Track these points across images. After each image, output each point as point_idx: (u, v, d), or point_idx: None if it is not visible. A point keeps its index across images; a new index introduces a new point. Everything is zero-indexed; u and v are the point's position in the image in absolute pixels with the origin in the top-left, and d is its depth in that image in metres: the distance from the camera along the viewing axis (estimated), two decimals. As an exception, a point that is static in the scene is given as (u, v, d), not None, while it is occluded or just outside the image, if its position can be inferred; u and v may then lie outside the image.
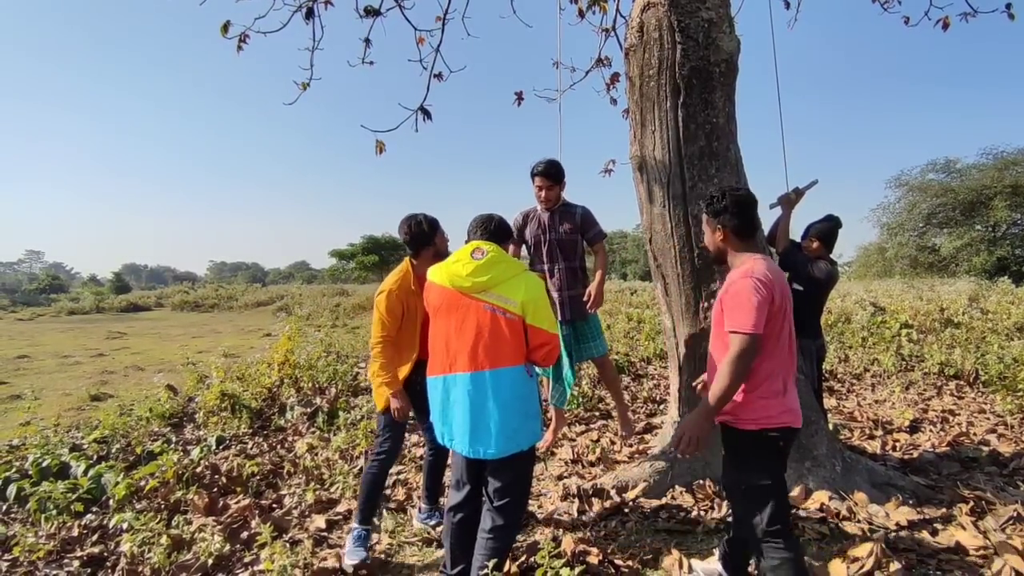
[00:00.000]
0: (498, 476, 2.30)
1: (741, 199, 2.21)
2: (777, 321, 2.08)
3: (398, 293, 2.87)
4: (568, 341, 3.85)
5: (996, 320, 9.50)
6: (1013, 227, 24.30)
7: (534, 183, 3.75)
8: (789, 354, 2.16)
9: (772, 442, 2.11)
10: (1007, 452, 3.99)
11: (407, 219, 2.93)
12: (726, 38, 3.52)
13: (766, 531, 2.08)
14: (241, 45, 4.72)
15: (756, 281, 2.03)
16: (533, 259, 3.87)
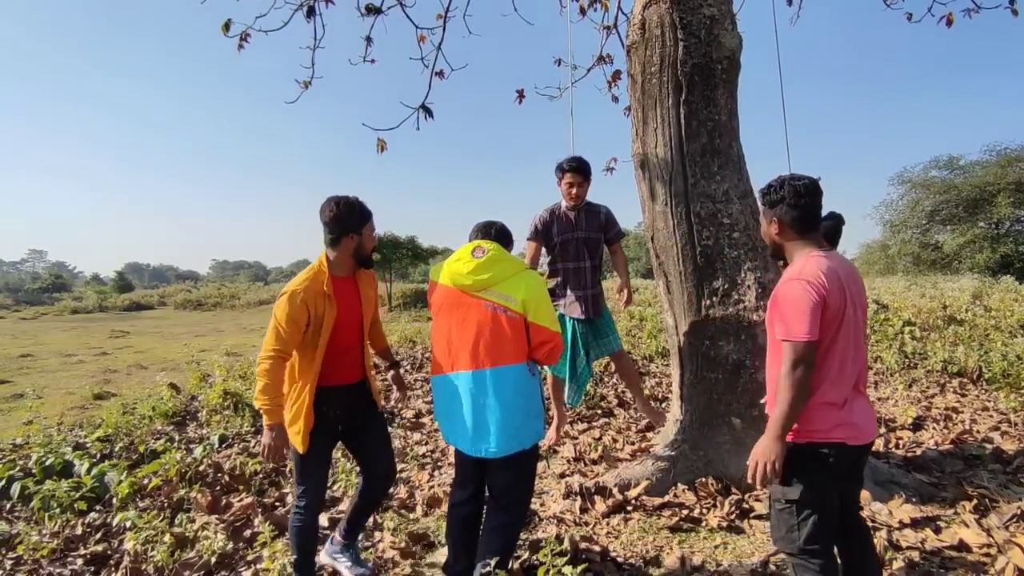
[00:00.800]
0: (501, 474, 2.30)
1: (801, 188, 1.99)
2: (832, 327, 1.90)
3: (304, 296, 2.32)
4: (587, 339, 3.89)
5: (999, 317, 9.45)
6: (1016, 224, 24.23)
7: (562, 179, 3.78)
8: (855, 362, 1.96)
9: (821, 457, 1.92)
10: (1011, 450, 3.97)
11: (338, 198, 2.42)
12: (728, 35, 3.51)
13: (803, 548, 1.94)
14: (242, 44, 4.73)
15: (806, 283, 1.87)
16: (556, 257, 3.87)
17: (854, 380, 1.96)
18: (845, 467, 1.96)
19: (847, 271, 1.98)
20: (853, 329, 1.94)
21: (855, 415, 1.94)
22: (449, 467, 4.05)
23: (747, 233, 3.48)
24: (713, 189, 3.47)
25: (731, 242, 3.46)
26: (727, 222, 3.46)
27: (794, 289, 1.88)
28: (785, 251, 2.09)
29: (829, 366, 1.91)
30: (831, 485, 1.96)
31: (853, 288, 1.96)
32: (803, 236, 2.02)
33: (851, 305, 1.92)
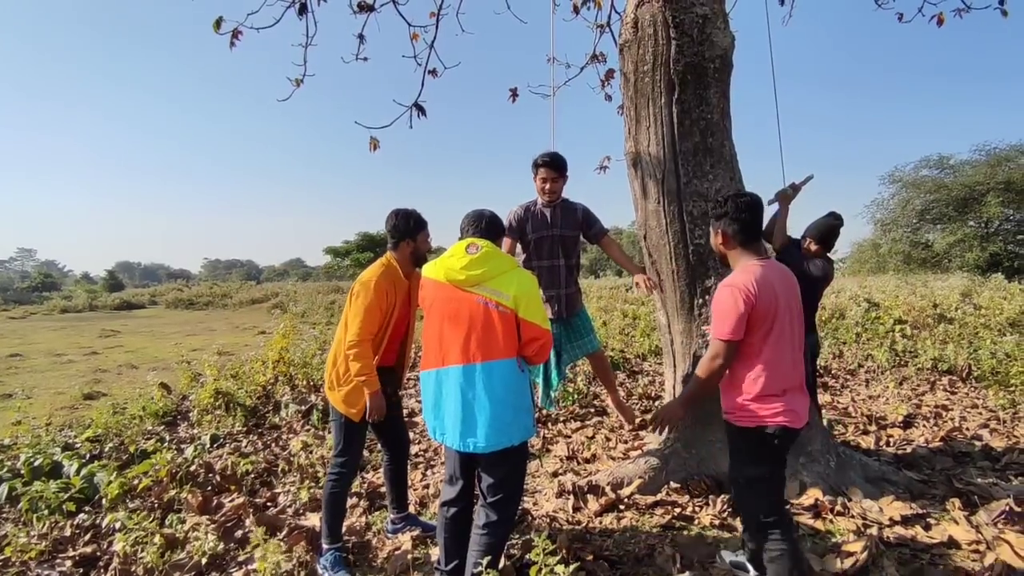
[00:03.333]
0: (491, 471, 2.30)
1: (742, 204, 2.25)
2: (766, 326, 2.15)
3: (384, 284, 2.75)
4: (559, 341, 3.83)
5: (989, 315, 9.54)
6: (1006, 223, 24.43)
7: (537, 175, 3.70)
8: (790, 357, 2.22)
9: (768, 439, 2.18)
10: (999, 446, 4.01)
11: (398, 210, 2.88)
12: (720, 34, 3.51)
13: (763, 522, 2.22)
14: (234, 41, 4.68)
15: (735, 289, 2.13)
16: (531, 255, 3.81)
17: (792, 373, 2.23)
18: (786, 448, 2.23)
19: (781, 279, 2.23)
20: (788, 329, 2.21)
21: (795, 403, 2.20)
22: (442, 466, 4.04)
23: (739, 232, 3.48)
24: (705, 188, 3.47)
25: (723, 241, 3.46)
26: (719, 221, 3.46)
27: (725, 295, 2.15)
28: (729, 260, 2.35)
29: (766, 360, 2.17)
30: (779, 464, 2.25)
31: (787, 294, 2.21)
32: (744, 246, 2.28)
33: (784, 309, 2.18)
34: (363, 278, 2.78)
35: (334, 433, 2.90)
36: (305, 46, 4.95)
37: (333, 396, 2.82)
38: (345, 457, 2.86)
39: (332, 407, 2.85)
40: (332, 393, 2.83)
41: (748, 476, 2.26)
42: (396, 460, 3.11)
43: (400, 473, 3.14)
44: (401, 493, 3.15)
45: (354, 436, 2.87)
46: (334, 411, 2.85)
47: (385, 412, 2.81)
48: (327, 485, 2.86)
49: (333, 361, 2.84)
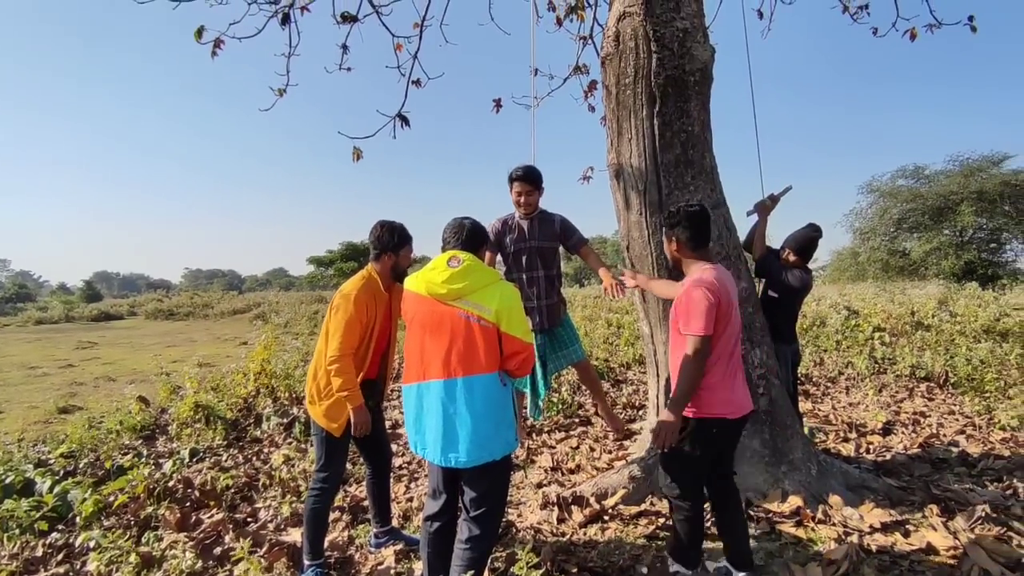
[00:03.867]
0: (473, 485, 2.28)
1: (692, 214, 2.50)
2: (722, 324, 2.38)
3: (364, 297, 2.71)
4: (543, 351, 3.83)
5: (964, 323, 9.75)
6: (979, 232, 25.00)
7: (512, 188, 3.71)
8: (733, 353, 2.47)
9: (706, 428, 2.42)
10: (975, 452, 4.08)
11: (383, 222, 2.85)
12: (700, 47, 3.56)
13: (680, 494, 2.51)
14: (216, 50, 4.66)
15: (705, 289, 2.33)
16: (511, 268, 3.83)
17: (735, 367, 2.48)
18: (725, 436, 2.51)
19: (729, 281, 2.48)
20: (735, 327, 2.46)
21: (735, 393, 2.45)
22: (426, 478, 4.00)
23: (720, 242, 3.53)
24: (687, 199, 3.50)
25: (705, 251, 3.50)
26: (701, 231, 3.50)
27: (697, 294, 2.34)
28: (683, 265, 2.59)
29: (718, 355, 2.40)
30: (709, 451, 2.48)
31: (733, 295, 2.46)
32: (696, 252, 2.52)
33: (732, 309, 2.43)
34: (343, 291, 2.75)
35: (316, 448, 2.86)
36: (288, 56, 4.95)
37: (314, 410, 2.78)
38: (327, 472, 2.82)
39: (313, 421, 2.81)
40: (313, 407, 2.78)
41: (677, 458, 2.49)
42: (379, 474, 3.08)
43: (383, 487, 3.10)
44: (384, 507, 3.11)
45: (336, 451, 2.83)
46: (315, 425, 2.81)
47: (370, 427, 2.78)
48: (308, 500, 2.81)
49: (314, 374, 2.80)
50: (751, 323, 3.51)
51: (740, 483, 3.38)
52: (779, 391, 3.52)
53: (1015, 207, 23.53)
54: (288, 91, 5.03)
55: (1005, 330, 9.15)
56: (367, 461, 3.09)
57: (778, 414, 3.47)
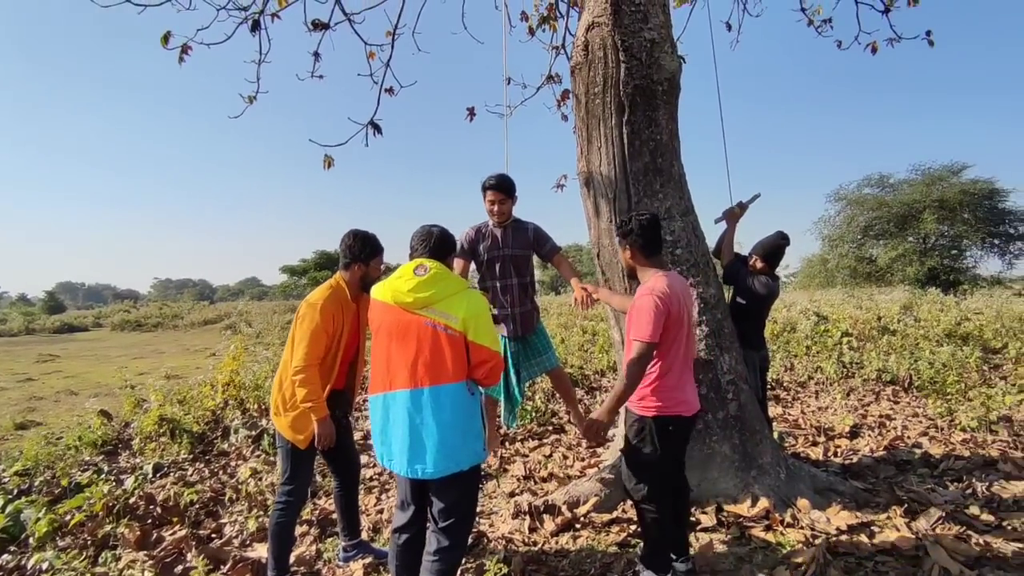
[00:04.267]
0: (441, 496, 2.25)
1: (644, 222, 2.58)
2: (674, 329, 2.46)
3: (330, 307, 2.67)
4: (517, 358, 3.82)
5: (928, 327, 10.03)
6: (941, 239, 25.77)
7: (485, 197, 3.70)
8: (686, 355, 2.56)
9: (662, 427, 2.51)
10: (937, 453, 4.18)
11: (355, 232, 2.80)
12: (668, 57, 3.62)
13: (646, 496, 2.56)
14: (183, 57, 4.58)
15: (655, 297, 2.40)
16: (484, 276, 3.82)
17: (687, 367, 2.58)
18: (681, 434, 2.60)
19: (682, 287, 2.57)
20: (687, 331, 2.54)
21: (687, 394, 2.56)
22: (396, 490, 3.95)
23: (689, 250, 3.57)
24: (656, 207, 3.55)
25: (674, 258, 3.54)
26: (669, 239, 3.54)
27: (647, 302, 2.41)
28: (638, 272, 2.66)
29: (672, 358, 2.49)
30: (670, 449, 2.56)
31: (687, 300, 2.55)
32: (649, 259, 2.60)
33: (685, 313, 2.51)
34: (309, 300, 2.71)
35: (281, 460, 2.79)
36: (259, 63, 4.89)
37: (279, 422, 2.72)
38: (292, 485, 2.75)
39: (279, 433, 2.75)
40: (278, 419, 2.72)
41: (640, 458, 2.56)
42: (346, 486, 3.02)
43: (351, 499, 3.04)
44: (352, 520, 3.05)
45: (302, 463, 2.77)
46: (281, 437, 2.74)
47: (335, 439, 2.72)
48: (273, 514, 2.74)
49: (279, 385, 2.74)
50: (719, 329, 3.55)
51: (710, 488, 3.43)
52: (748, 396, 3.56)
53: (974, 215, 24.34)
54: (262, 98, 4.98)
55: (966, 334, 9.44)
56: (334, 473, 3.03)
57: (747, 419, 3.51)
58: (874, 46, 5.60)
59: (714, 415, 3.46)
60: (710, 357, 3.48)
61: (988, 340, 9.00)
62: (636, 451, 2.59)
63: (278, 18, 4.90)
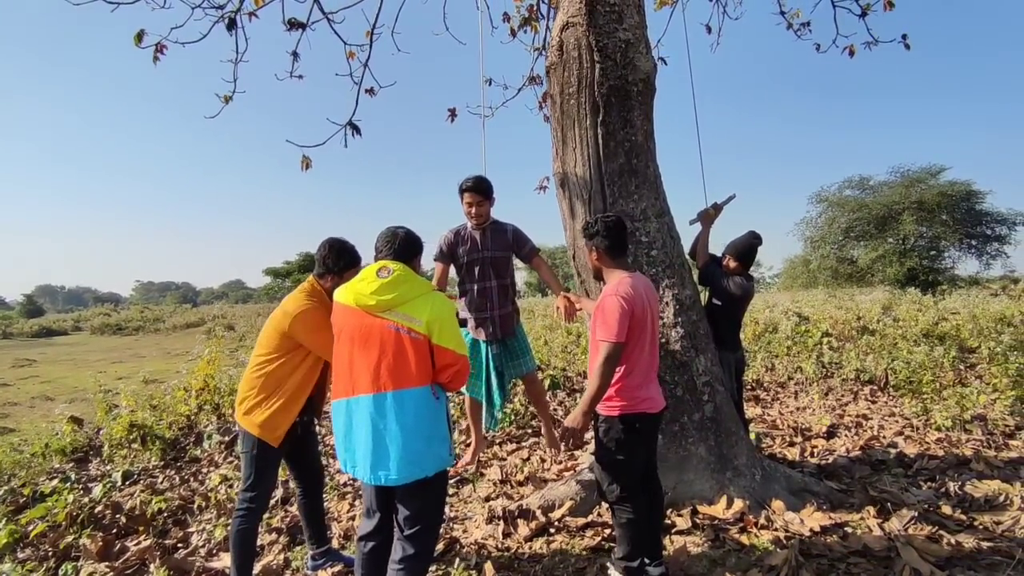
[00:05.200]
0: (406, 503, 2.20)
1: (610, 223, 2.61)
2: (638, 329, 2.49)
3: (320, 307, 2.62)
4: (500, 360, 3.77)
5: (906, 327, 10.14)
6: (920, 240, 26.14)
7: (463, 200, 3.65)
8: (650, 355, 2.60)
9: (629, 426, 2.53)
10: (912, 453, 4.21)
11: (332, 244, 2.73)
12: (643, 58, 3.61)
13: (619, 496, 2.57)
14: (158, 56, 4.49)
15: (620, 298, 2.43)
16: (463, 279, 3.77)
17: (650, 367, 2.60)
18: (648, 431, 2.63)
19: (646, 288, 2.59)
20: (651, 331, 2.57)
21: (652, 391, 2.60)
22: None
23: (664, 251, 3.55)
24: (631, 208, 3.53)
25: (649, 259, 3.52)
26: (645, 240, 3.53)
27: (612, 303, 2.43)
28: (604, 274, 2.69)
29: (636, 357, 2.52)
30: (640, 447, 2.60)
31: (651, 301, 2.59)
32: (615, 260, 2.63)
33: (649, 313, 2.55)
34: (286, 309, 2.64)
35: (244, 465, 2.70)
36: (236, 62, 4.80)
37: (248, 421, 2.62)
38: (255, 491, 2.67)
39: (244, 435, 2.66)
40: (248, 418, 2.63)
41: (611, 458, 2.57)
42: (309, 493, 2.95)
43: (315, 506, 2.98)
44: (318, 527, 2.99)
45: (267, 467, 2.69)
46: (245, 441, 2.66)
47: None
48: (234, 522, 2.66)
49: (251, 384, 2.65)
50: (695, 331, 3.54)
51: (686, 490, 3.41)
52: (723, 398, 3.56)
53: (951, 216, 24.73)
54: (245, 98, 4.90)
55: (943, 333, 9.56)
56: (297, 480, 2.96)
57: (723, 421, 3.49)
58: (851, 49, 5.66)
59: (690, 417, 3.44)
60: (685, 359, 3.47)
61: (964, 339, 9.12)
62: (607, 452, 2.60)
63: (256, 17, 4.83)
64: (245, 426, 2.65)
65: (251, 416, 2.62)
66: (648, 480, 2.73)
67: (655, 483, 2.78)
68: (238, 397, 2.72)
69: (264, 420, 2.60)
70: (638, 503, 2.58)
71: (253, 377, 2.66)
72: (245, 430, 2.65)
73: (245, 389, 2.69)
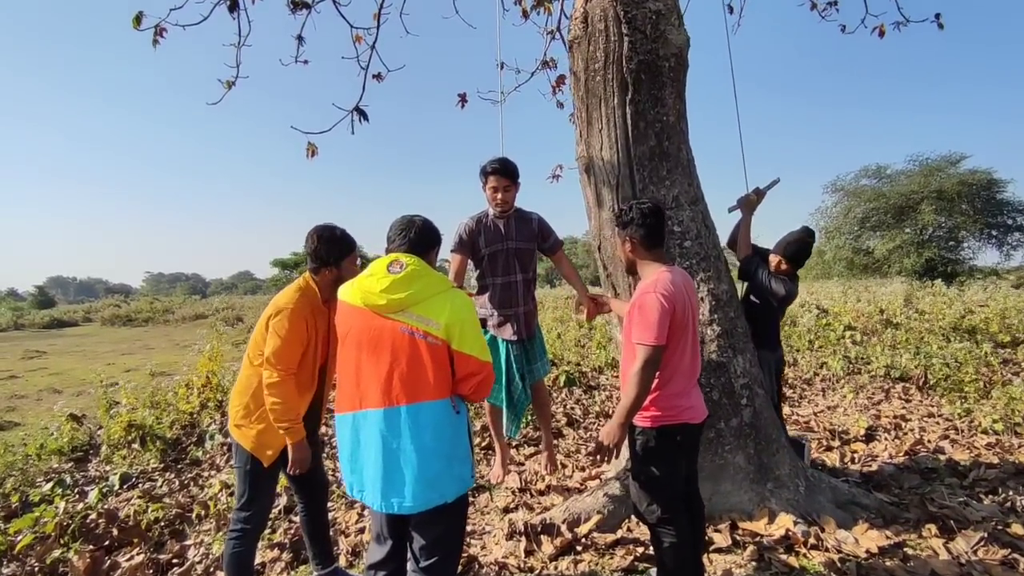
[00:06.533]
0: (422, 532, 1.92)
1: (645, 211, 2.32)
2: (679, 331, 2.23)
3: (303, 312, 2.35)
4: (521, 362, 3.49)
5: (932, 321, 9.77)
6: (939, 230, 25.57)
7: (487, 183, 3.35)
8: (692, 359, 2.34)
9: (669, 438, 2.29)
10: (963, 460, 3.89)
11: (320, 232, 2.43)
12: (675, 31, 3.29)
13: (660, 518, 2.31)
14: (157, 39, 4.25)
15: (660, 296, 2.17)
16: (484, 272, 3.47)
17: (691, 372, 2.34)
18: (690, 443, 2.38)
19: (686, 283, 2.33)
20: (692, 331, 2.32)
21: (693, 399, 2.34)
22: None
23: (698, 242, 3.25)
24: (663, 194, 3.23)
25: (682, 251, 3.23)
26: (678, 230, 3.23)
27: (651, 300, 2.17)
28: (637, 267, 2.42)
29: (677, 362, 2.27)
30: (681, 461, 2.35)
31: (692, 299, 2.34)
32: (651, 252, 2.36)
33: (691, 312, 2.30)
34: (278, 303, 2.37)
35: (238, 481, 2.43)
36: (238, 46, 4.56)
37: (241, 434, 2.37)
38: (250, 510, 2.41)
39: (237, 448, 2.40)
40: (240, 431, 2.37)
41: (649, 475, 2.32)
42: (313, 509, 2.69)
43: (319, 523, 2.71)
44: (323, 546, 2.72)
45: (263, 484, 2.43)
46: (239, 455, 2.40)
47: (309, 464, 2.40)
48: (227, 544, 2.40)
49: (241, 392, 2.40)
50: (732, 329, 3.24)
51: (723, 502, 3.13)
52: (763, 402, 3.27)
53: (972, 206, 24.15)
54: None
55: (972, 327, 9.18)
56: (298, 495, 2.69)
57: (763, 427, 3.21)
58: (881, 29, 5.29)
59: (727, 422, 3.16)
60: (722, 359, 3.18)
61: (995, 334, 8.74)
62: (644, 468, 2.35)
63: (259, -2, 4.57)
64: (237, 439, 2.38)
65: (242, 430, 2.36)
66: (689, 496, 2.47)
67: (696, 499, 2.52)
68: (230, 405, 2.45)
69: (256, 435, 2.34)
70: (681, 524, 2.32)
71: (244, 385, 2.40)
72: (238, 443, 2.38)
73: (235, 397, 2.43)
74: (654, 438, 2.29)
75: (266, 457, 2.36)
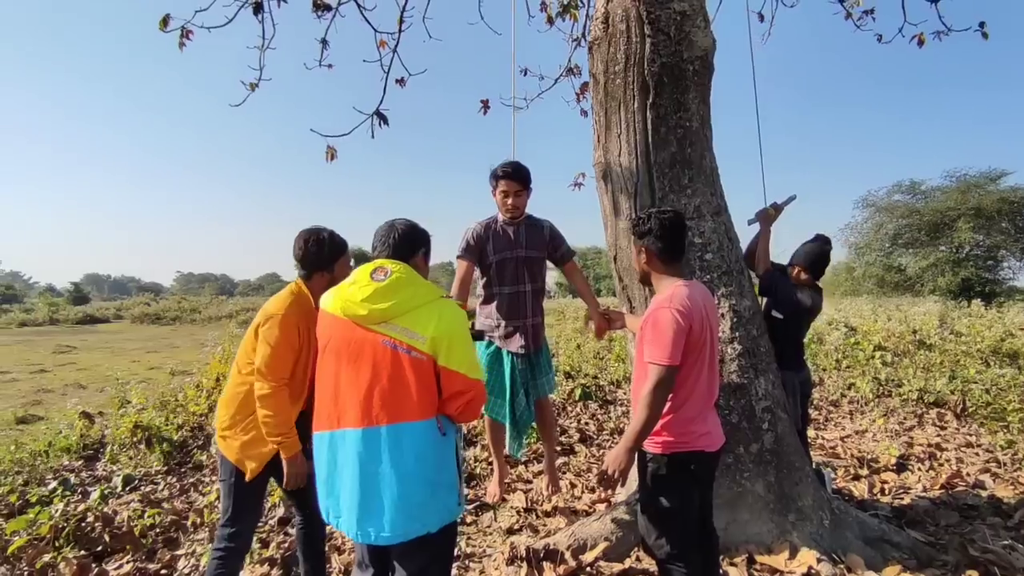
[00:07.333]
0: (404, 564, 1.77)
1: (665, 221, 2.18)
2: (696, 351, 2.08)
3: (295, 319, 2.23)
4: (526, 377, 3.34)
5: (969, 343, 9.31)
6: (976, 249, 24.71)
7: (497, 188, 3.24)
8: (709, 381, 2.18)
9: (682, 466, 2.13)
10: (1008, 497, 3.60)
11: (308, 235, 2.34)
12: (700, 33, 3.13)
13: (670, 553, 2.14)
14: (183, 41, 4.26)
15: (675, 312, 2.03)
16: (491, 281, 3.34)
17: (708, 395, 2.17)
18: (704, 473, 2.22)
19: (705, 299, 2.19)
20: (709, 352, 2.15)
21: (709, 425, 2.18)
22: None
23: (720, 254, 3.07)
24: (683, 204, 3.06)
25: (703, 264, 3.05)
26: (699, 242, 3.05)
27: (666, 317, 2.03)
28: (653, 280, 2.28)
29: (692, 384, 2.11)
30: (694, 491, 2.18)
31: (711, 316, 2.17)
32: (669, 265, 2.21)
33: (709, 331, 2.13)
34: (268, 310, 2.27)
35: (223, 495, 2.31)
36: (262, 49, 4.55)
37: (226, 445, 2.26)
38: (235, 528, 2.28)
39: (222, 460, 2.28)
40: (225, 442, 2.26)
41: (660, 506, 2.17)
42: (311, 522, 2.50)
43: (315, 538, 2.55)
44: (317, 564, 2.56)
45: (248, 499, 2.30)
46: (224, 466, 2.28)
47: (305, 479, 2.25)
48: (211, 565, 2.26)
49: (228, 402, 2.29)
50: (755, 348, 3.05)
51: (739, 532, 2.92)
52: (786, 427, 3.06)
53: (1013, 224, 23.32)
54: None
55: (1013, 351, 8.73)
56: (298, 510, 2.52)
57: (785, 453, 3.00)
58: (920, 38, 5.02)
59: (746, 448, 2.96)
60: (743, 380, 2.99)
61: (1040, 359, 8.29)
62: (654, 498, 2.18)
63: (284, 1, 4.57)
64: (223, 450, 2.26)
65: (228, 441, 2.25)
66: (703, 530, 2.29)
67: (710, 532, 2.34)
68: (216, 415, 2.34)
69: (240, 447, 2.21)
70: (693, 561, 2.15)
71: (231, 394, 2.29)
72: (223, 455, 2.27)
73: (222, 407, 2.32)
74: (665, 466, 2.13)
75: (251, 469, 2.24)
